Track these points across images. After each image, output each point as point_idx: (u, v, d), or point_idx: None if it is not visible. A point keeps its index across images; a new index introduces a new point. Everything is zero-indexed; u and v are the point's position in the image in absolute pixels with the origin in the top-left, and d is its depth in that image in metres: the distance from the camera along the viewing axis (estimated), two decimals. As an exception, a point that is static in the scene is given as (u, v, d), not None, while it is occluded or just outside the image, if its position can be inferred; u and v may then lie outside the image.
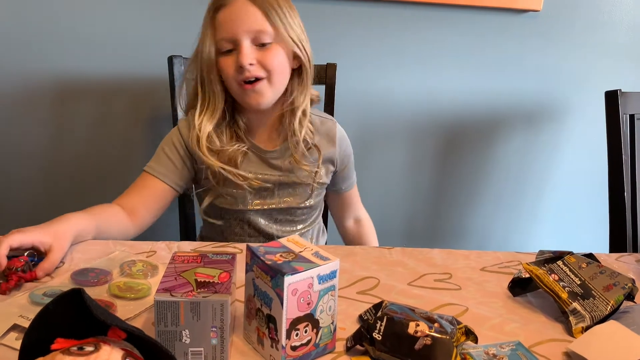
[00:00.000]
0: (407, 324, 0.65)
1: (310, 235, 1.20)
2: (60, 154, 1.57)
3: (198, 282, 0.64)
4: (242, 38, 1.00)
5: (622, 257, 1.04)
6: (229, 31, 1.01)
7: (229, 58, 1.02)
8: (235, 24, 1.00)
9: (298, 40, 1.04)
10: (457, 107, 1.73)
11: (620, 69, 1.77)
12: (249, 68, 1.00)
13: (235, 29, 1.00)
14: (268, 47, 1.02)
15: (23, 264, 0.80)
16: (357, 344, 0.67)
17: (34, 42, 1.47)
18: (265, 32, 1.01)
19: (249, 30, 1.00)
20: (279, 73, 1.04)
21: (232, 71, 1.02)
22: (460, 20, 1.65)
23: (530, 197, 1.86)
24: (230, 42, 1.01)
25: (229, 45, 1.02)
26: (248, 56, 1.00)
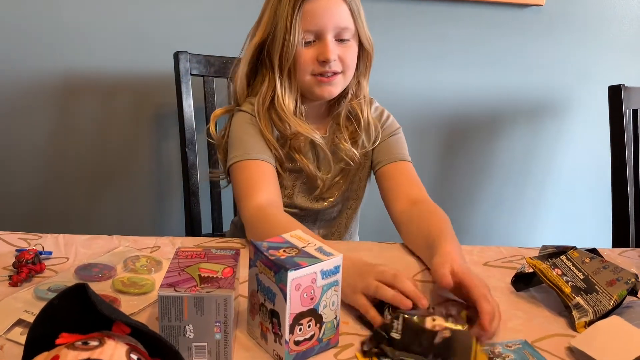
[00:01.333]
0: (424, 319, 0.64)
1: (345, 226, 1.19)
2: (64, 151, 1.57)
3: (202, 277, 0.64)
4: (328, 32, 1.00)
5: (626, 252, 1.04)
6: (317, 24, 0.99)
7: (310, 50, 1.01)
8: (324, 17, 0.99)
9: (368, 35, 1.06)
10: (459, 103, 1.72)
11: (623, 64, 1.77)
12: (332, 64, 1.01)
13: (324, 23, 0.99)
14: (347, 44, 1.03)
15: (33, 256, 0.82)
16: (374, 347, 0.66)
17: (38, 38, 1.47)
18: (348, 29, 1.02)
19: (336, 26, 1.00)
20: (352, 68, 1.06)
21: (310, 63, 1.01)
22: (463, 15, 1.64)
23: (533, 192, 1.86)
24: (314, 34, 1.00)
25: (311, 37, 1.01)
26: (333, 51, 1.00)
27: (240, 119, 1.08)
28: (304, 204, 1.13)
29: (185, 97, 1.36)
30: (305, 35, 1.00)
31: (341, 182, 1.14)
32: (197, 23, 1.52)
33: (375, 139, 1.13)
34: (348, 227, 1.20)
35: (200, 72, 1.39)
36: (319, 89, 1.04)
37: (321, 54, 1.00)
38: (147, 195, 1.64)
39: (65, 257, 0.88)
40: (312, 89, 1.04)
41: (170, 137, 1.59)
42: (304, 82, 1.04)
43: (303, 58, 1.01)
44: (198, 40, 1.51)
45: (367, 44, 1.07)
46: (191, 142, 1.37)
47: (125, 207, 1.64)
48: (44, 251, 0.87)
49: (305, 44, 1.01)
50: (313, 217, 1.15)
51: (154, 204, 1.66)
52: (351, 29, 1.02)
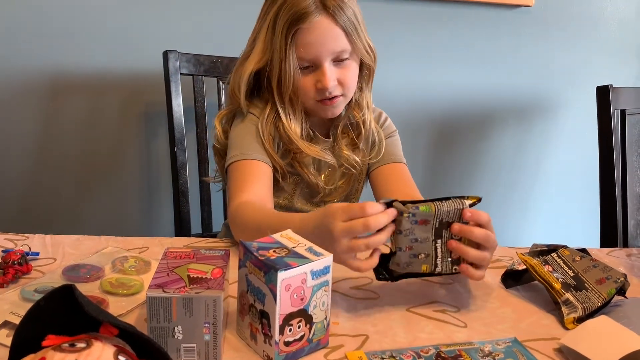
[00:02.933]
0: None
1: None
2: (52, 150, 1.55)
3: (191, 278, 0.63)
4: (324, 60, 0.98)
5: (613, 252, 1.05)
6: (312, 53, 0.97)
7: (308, 77, 1.00)
8: (318, 46, 0.97)
9: (368, 47, 1.04)
10: (449, 102, 1.73)
11: (611, 65, 1.78)
12: (331, 90, 1.00)
13: (319, 52, 0.97)
14: (345, 64, 1.01)
15: (19, 257, 0.81)
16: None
17: (25, 36, 1.45)
18: (345, 50, 0.99)
19: (332, 52, 0.98)
20: (353, 87, 1.05)
21: (311, 91, 1.01)
22: (453, 15, 1.65)
23: (522, 192, 1.87)
24: (311, 62, 0.99)
25: (308, 64, 0.99)
26: (331, 78, 0.99)
27: (246, 119, 1.06)
28: (304, 207, 1.12)
29: (174, 97, 1.35)
30: (301, 62, 0.98)
31: (343, 186, 1.14)
32: (187, 22, 1.52)
33: (374, 142, 1.14)
34: None
35: (189, 71, 1.38)
36: (323, 111, 1.04)
37: (319, 82, 0.99)
38: (136, 195, 1.63)
39: (53, 258, 0.87)
40: (317, 112, 1.05)
41: (159, 137, 1.58)
42: (307, 106, 1.04)
43: (302, 85, 1.00)
44: (187, 39, 1.50)
45: (367, 58, 1.04)
46: (180, 142, 1.37)
47: (113, 207, 1.63)
48: (30, 252, 0.86)
49: (303, 70, 1.00)
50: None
51: (142, 204, 1.65)
52: (348, 49, 0.99)
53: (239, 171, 1.01)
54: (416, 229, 0.74)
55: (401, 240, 0.74)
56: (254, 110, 1.07)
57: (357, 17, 1.00)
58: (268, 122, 1.04)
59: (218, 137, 1.10)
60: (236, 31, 1.08)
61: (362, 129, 1.10)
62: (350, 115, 1.10)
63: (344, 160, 1.10)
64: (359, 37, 1.00)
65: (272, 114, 1.04)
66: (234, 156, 1.02)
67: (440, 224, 0.75)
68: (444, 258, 0.76)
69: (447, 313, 0.78)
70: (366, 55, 1.04)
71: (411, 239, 0.74)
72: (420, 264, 0.76)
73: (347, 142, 1.11)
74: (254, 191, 0.97)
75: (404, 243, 0.74)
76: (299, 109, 1.04)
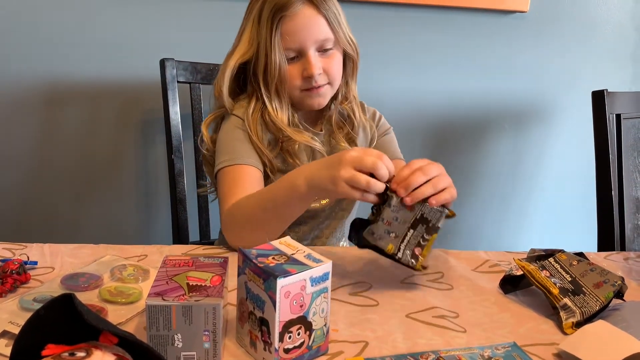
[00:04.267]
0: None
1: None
2: (50, 158, 1.55)
3: (190, 285, 0.63)
4: (309, 48, 1.01)
5: (611, 256, 1.05)
6: (297, 41, 1.00)
7: (294, 67, 1.03)
8: (302, 34, 1.00)
9: (350, 39, 1.07)
10: (445, 108, 1.74)
11: (606, 69, 1.79)
12: (317, 78, 1.02)
13: (303, 40, 1.00)
14: (330, 54, 1.04)
15: (18, 266, 0.80)
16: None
17: (22, 45, 1.46)
18: (329, 39, 1.02)
19: (316, 40, 1.01)
20: (339, 77, 1.07)
21: (297, 80, 1.03)
22: (448, 21, 1.66)
23: (519, 197, 1.87)
24: (296, 51, 1.02)
25: (293, 54, 1.02)
26: (317, 66, 1.01)
27: (231, 123, 1.07)
28: None
29: (171, 104, 1.36)
30: (287, 52, 1.01)
31: None
32: (183, 30, 1.52)
33: (372, 138, 1.16)
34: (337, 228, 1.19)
35: (186, 79, 1.39)
36: (309, 100, 1.06)
37: (305, 70, 1.02)
38: (134, 203, 1.63)
39: (51, 267, 0.87)
40: (303, 102, 1.07)
41: (156, 145, 1.58)
42: (293, 96, 1.06)
43: (288, 75, 1.02)
44: (184, 47, 1.50)
45: (350, 49, 1.07)
46: (178, 149, 1.37)
47: (111, 215, 1.62)
48: (29, 261, 0.86)
49: (289, 60, 1.02)
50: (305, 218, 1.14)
51: (140, 212, 1.64)
52: (332, 38, 1.03)
53: (228, 176, 1.01)
54: (402, 210, 0.81)
55: (386, 212, 0.81)
56: (238, 111, 1.07)
57: (338, 9, 1.04)
58: (255, 115, 1.05)
59: (206, 145, 1.11)
60: (233, 39, 1.09)
61: (354, 121, 1.13)
62: (340, 108, 1.12)
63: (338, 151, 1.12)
64: (341, 27, 1.04)
65: (258, 105, 1.06)
66: (223, 162, 1.03)
67: (421, 217, 0.82)
68: (407, 247, 0.83)
69: (446, 319, 0.78)
70: (349, 47, 1.07)
71: (393, 216, 0.81)
72: (388, 242, 0.83)
73: (344, 135, 1.13)
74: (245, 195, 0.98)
75: (387, 216, 0.81)
76: (285, 100, 1.06)
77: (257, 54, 1.03)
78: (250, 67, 1.05)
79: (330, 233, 1.18)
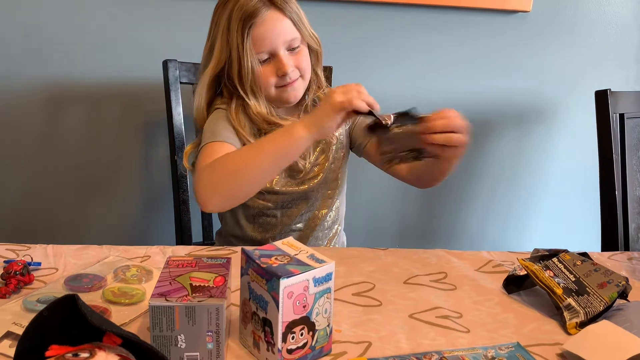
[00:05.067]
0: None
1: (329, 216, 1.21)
2: (53, 160, 1.56)
3: (193, 286, 0.64)
4: (280, 49, 1.06)
5: (614, 256, 1.05)
6: (267, 45, 1.05)
7: (267, 67, 1.07)
8: (272, 37, 1.05)
9: (312, 34, 1.12)
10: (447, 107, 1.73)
11: (609, 69, 1.79)
12: (290, 75, 1.07)
13: (274, 43, 1.05)
14: (298, 50, 1.09)
15: (21, 267, 0.81)
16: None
17: (25, 46, 1.46)
18: (296, 38, 1.08)
19: (285, 41, 1.06)
20: (309, 69, 1.12)
21: (272, 79, 1.07)
22: (450, 21, 1.65)
23: (522, 196, 1.87)
24: (267, 53, 1.06)
25: (266, 56, 1.06)
26: (289, 64, 1.06)
27: (215, 114, 1.11)
28: (285, 188, 1.14)
29: (174, 105, 1.36)
30: (259, 55, 1.06)
31: (322, 160, 1.17)
32: (186, 31, 1.52)
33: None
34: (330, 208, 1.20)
35: (189, 80, 1.39)
36: (285, 95, 1.10)
37: (279, 70, 1.07)
38: (137, 204, 1.63)
39: (55, 268, 0.87)
40: (280, 98, 1.11)
41: (160, 146, 1.58)
42: (269, 94, 1.10)
43: (263, 76, 1.07)
44: (187, 48, 1.50)
45: (313, 43, 1.13)
46: (181, 150, 1.37)
47: (115, 216, 1.63)
48: (32, 262, 0.86)
49: (262, 62, 1.07)
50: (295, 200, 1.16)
51: (144, 212, 1.65)
52: (298, 37, 1.08)
53: (209, 149, 1.03)
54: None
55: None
56: (221, 105, 1.11)
57: (298, 8, 1.10)
58: (237, 110, 1.09)
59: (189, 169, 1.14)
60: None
61: None
62: (315, 97, 1.17)
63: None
64: (304, 25, 1.10)
65: (238, 102, 1.10)
66: (205, 140, 1.05)
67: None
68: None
69: (449, 319, 0.78)
70: (312, 41, 1.12)
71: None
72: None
73: None
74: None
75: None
76: (262, 97, 1.10)
77: (229, 60, 1.07)
78: (224, 74, 1.10)
79: (325, 213, 1.19)
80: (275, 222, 1.16)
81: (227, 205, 1.02)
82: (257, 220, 1.17)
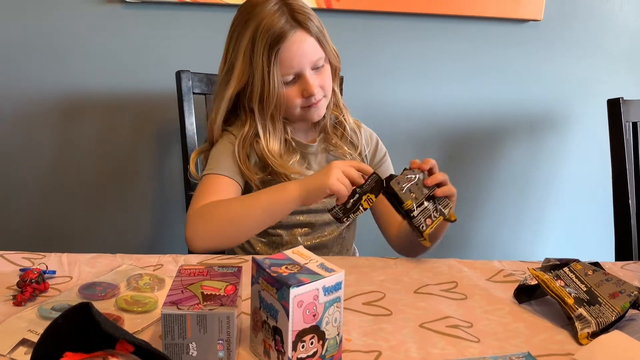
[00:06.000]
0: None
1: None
2: (68, 169, 1.58)
3: (204, 294, 0.64)
4: (306, 70, 1.05)
5: (628, 265, 1.04)
6: (294, 66, 1.04)
7: (292, 89, 1.06)
8: (298, 58, 1.04)
9: (334, 50, 1.12)
10: (460, 118, 1.73)
11: (622, 77, 1.78)
12: (316, 95, 1.07)
13: (300, 64, 1.04)
14: (322, 70, 1.08)
15: (37, 275, 0.82)
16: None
17: (41, 56, 1.49)
18: (321, 58, 1.07)
19: (311, 61, 1.06)
20: (330, 87, 1.12)
21: (297, 100, 1.07)
22: (462, 30, 1.66)
23: (534, 206, 1.86)
24: (293, 74, 1.05)
25: (291, 77, 1.06)
26: (315, 85, 1.06)
27: (226, 139, 1.12)
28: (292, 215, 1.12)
29: (187, 115, 1.37)
30: (284, 77, 1.05)
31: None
32: (199, 42, 1.54)
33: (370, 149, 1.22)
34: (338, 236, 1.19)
35: (202, 90, 1.40)
36: (309, 115, 1.10)
37: (305, 91, 1.06)
38: (150, 213, 1.65)
39: (69, 276, 0.88)
40: (303, 118, 1.11)
41: (172, 155, 1.60)
42: (293, 115, 1.10)
43: (288, 97, 1.06)
44: (199, 59, 1.52)
45: (334, 60, 1.12)
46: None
47: (128, 225, 1.64)
48: (47, 270, 0.87)
49: (286, 84, 1.05)
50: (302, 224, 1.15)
51: (156, 221, 1.66)
52: (323, 56, 1.08)
53: (208, 183, 1.06)
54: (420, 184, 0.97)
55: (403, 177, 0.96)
56: (235, 129, 1.11)
57: (321, 25, 1.08)
58: (245, 142, 1.09)
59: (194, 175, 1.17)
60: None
61: (344, 123, 1.18)
62: (332, 116, 1.18)
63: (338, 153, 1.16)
64: (327, 42, 1.09)
65: (250, 132, 1.09)
66: (208, 169, 1.08)
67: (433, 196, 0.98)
68: (422, 213, 0.96)
69: (459, 328, 0.78)
70: (334, 57, 1.12)
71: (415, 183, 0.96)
72: (408, 198, 0.95)
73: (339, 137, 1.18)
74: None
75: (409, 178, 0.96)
76: (279, 125, 1.10)
77: (252, 83, 1.06)
78: (244, 94, 1.08)
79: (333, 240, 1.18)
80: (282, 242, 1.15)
81: (212, 249, 1.02)
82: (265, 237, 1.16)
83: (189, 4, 1.51)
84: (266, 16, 1.02)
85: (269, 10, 1.02)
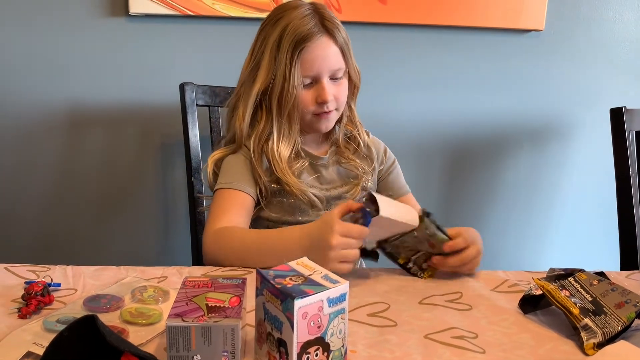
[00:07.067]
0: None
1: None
2: (72, 181, 1.59)
3: (209, 306, 0.64)
4: (324, 76, 1.07)
5: (633, 275, 1.03)
6: (313, 69, 1.06)
7: (308, 92, 1.08)
8: (320, 63, 1.06)
9: (356, 67, 1.14)
10: (463, 128, 1.74)
11: (624, 86, 1.78)
12: (329, 104, 1.08)
13: (321, 68, 1.07)
14: (340, 82, 1.10)
15: (42, 288, 0.82)
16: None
17: (47, 70, 1.50)
18: (341, 69, 1.10)
19: (331, 69, 1.08)
20: (344, 103, 1.14)
21: (310, 104, 1.09)
22: (464, 41, 1.67)
23: (538, 215, 1.85)
24: (311, 78, 1.08)
25: (309, 80, 1.08)
26: (330, 93, 1.08)
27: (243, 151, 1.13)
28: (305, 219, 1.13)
29: (191, 127, 1.38)
30: (303, 79, 1.07)
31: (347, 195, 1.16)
32: (202, 54, 1.55)
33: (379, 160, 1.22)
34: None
35: (205, 102, 1.41)
36: (318, 124, 1.12)
37: (319, 96, 1.07)
38: (154, 225, 1.65)
39: (74, 289, 0.88)
40: (312, 125, 1.12)
41: (176, 167, 1.61)
42: (304, 120, 1.11)
43: (302, 100, 1.08)
44: (203, 71, 1.53)
45: (355, 77, 1.14)
46: (197, 171, 1.39)
47: (132, 237, 1.65)
48: (52, 283, 0.87)
49: (304, 86, 1.08)
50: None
51: (160, 233, 1.66)
52: (343, 68, 1.10)
53: (223, 198, 1.07)
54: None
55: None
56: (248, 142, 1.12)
57: (348, 39, 1.11)
58: (261, 140, 1.10)
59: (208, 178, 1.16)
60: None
61: (358, 139, 1.19)
62: (346, 131, 1.19)
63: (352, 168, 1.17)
64: (351, 56, 1.12)
65: (265, 130, 1.10)
66: (222, 183, 1.09)
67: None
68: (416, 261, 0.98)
69: (465, 339, 0.77)
70: (355, 74, 1.14)
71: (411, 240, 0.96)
72: (401, 253, 0.98)
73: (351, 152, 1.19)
74: (233, 220, 1.03)
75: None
76: (295, 126, 1.11)
77: (274, 79, 1.08)
78: (266, 95, 1.10)
79: None
80: None
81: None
82: None
83: (192, 17, 1.52)
84: (297, 17, 1.05)
85: (300, 13, 1.06)
